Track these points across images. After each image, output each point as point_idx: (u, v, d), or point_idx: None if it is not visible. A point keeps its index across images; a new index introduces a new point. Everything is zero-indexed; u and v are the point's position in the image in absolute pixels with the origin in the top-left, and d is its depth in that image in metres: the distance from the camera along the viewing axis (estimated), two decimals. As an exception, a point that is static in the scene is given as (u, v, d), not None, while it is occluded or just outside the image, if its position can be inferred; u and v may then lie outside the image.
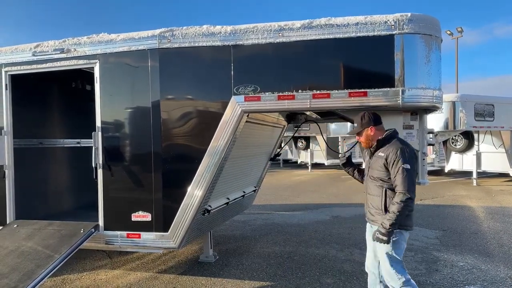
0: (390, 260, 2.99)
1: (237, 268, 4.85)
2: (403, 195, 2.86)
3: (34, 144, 5.23)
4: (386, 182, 3.02)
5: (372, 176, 3.13)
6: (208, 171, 3.79)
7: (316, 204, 9.63)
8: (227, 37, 3.73)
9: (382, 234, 2.89)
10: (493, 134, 13.02)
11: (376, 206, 3.07)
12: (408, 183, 2.87)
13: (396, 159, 2.92)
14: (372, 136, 3.15)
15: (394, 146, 3.00)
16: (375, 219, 3.10)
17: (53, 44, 4.23)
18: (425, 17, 3.54)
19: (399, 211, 2.85)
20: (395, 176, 2.92)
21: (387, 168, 2.99)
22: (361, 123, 3.18)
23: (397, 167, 2.91)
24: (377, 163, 3.08)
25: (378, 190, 3.06)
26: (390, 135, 3.13)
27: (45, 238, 4.07)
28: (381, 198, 3.03)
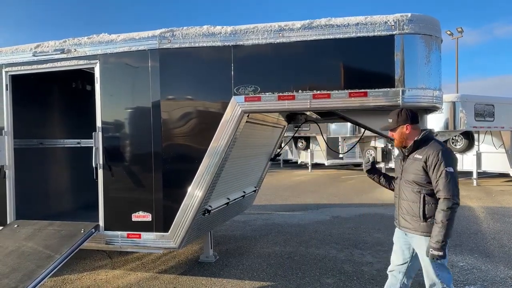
0: (436, 269, 2.81)
1: (237, 268, 4.86)
2: (449, 200, 2.65)
3: (34, 144, 5.23)
4: (424, 187, 2.80)
5: (407, 180, 2.89)
6: (208, 171, 3.80)
7: (316, 204, 9.63)
8: (228, 37, 3.73)
9: (437, 250, 2.65)
10: (493, 134, 13.02)
11: (413, 213, 2.85)
12: (452, 187, 2.67)
13: (438, 162, 2.70)
14: (407, 134, 2.92)
15: (434, 148, 2.78)
16: (410, 226, 2.88)
17: (54, 44, 4.23)
18: (425, 17, 3.55)
19: (448, 219, 2.63)
20: (437, 180, 2.70)
21: (426, 172, 2.77)
22: (397, 120, 2.94)
23: (439, 171, 2.69)
24: (413, 166, 2.85)
25: (415, 196, 2.84)
26: (427, 136, 2.91)
27: (45, 238, 4.07)
28: (418, 204, 2.80)
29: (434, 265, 2.81)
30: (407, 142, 2.94)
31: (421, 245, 2.86)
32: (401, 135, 2.94)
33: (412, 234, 2.90)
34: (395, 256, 3.12)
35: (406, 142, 2.94)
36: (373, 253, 5.39)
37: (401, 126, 2.93)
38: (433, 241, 2.68)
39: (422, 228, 2.82)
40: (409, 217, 2.89)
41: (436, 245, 2.66)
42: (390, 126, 2.99)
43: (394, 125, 2.97)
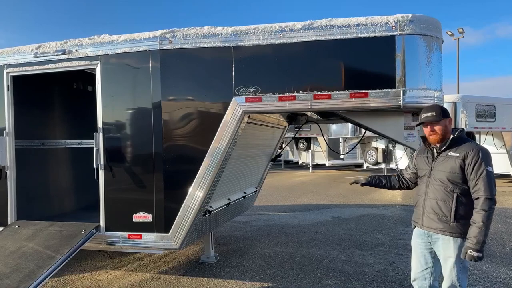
0: (459, 273, 2.72)
1: (238, 269, 4.85)
2: (490, 200, 2.57)
3: (35, 145, 5.24)
4: (458, 186, 2.68)
5: (439, 179, 2.76)
6: (209, 172, 3.80)
7: (317, 205, 9.62)
8: (228, 38, 3.73)
9: (476, 251, 2.54)
10: (495, 135, 13.00)
11: (442, 213, 2.73)
12: (493, 187, 2.60)
13: (479, 161, 2.61)
14: (449, 129, 2.80)
15: (473, 146, 2.69)
16: (436, 226, 2.76)
17: (55, 45, 4.24)
18: (426, 18, 3.55)
19: (488, 219, 2.55)
20: (478, 179, 2.60)
21: (462, 170, 2.67)
22: (440, 113, 2.78)
23: (480, 170, 2.60)
24: (447, 163, 2.73)
25: (446, 195, 2.72)
26: (463, 134, 2.81)
27: (46, 239, 4.07)
28: (451, 204, 2.69)
29: (459, 267, 2.72)
30: (446, 137, 2.80)
31: (448, 246, 2.74)
32: (444, 130, 2.79)
33: (438, 235, 2.77)
34: (416, 262, 2.96)
35: (446, 137, 2.80)
36: (374, 254, 5.38)
37: (444, 119, 2.79)
38: (473, 242, 2.56)
39: (451, 228, 2.71)
40: (435, 216, 2.77)
41: (476, 246, 2.55)
42: (435, 119, 2.78)
43: (439, 118, 2.78)
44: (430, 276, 2.90)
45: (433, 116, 2.79)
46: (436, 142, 2.84)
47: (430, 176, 2.84)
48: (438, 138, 2.81)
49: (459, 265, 2.71)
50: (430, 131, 2.82)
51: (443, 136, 2.79)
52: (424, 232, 2.88)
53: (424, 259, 2.91)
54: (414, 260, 2.98)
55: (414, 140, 3.87)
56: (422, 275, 2.92)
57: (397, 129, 3.84)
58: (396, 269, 4.79)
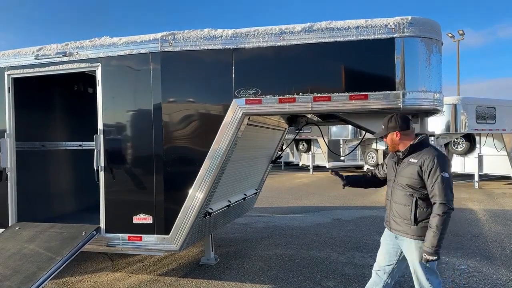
0: (426, 273, 2.85)
1: (238, 271, 4.85)
2: (444, 206, 2.67)
3: (36, 146, 5.25)
4: (417, 191, 2.83)
5: (401, 184, 2.91)
6: (209, 173, 3.80)
7: (318, 206, 9.62)
8: (228, 40, 3.75)
9: (431, 254, 2.68)
10: (495, 137, 13.00)
11: (404, 216, 2.88)
12: (448, 192, 2.69)
13: (434, 167, 2.73)
14: (398, 140, 2.97)
15: (430, 153, 2.81)
16: (400, 229, 2.92)
17: (56, 47, 4.26)
18: (425, 20, 3.56)
19: (442, 224, 2.66)
20: (433, 185, 2.72)
21: (420, 176, 2.80)
22: (387, 126, 3.02)
23: (435, 176, 2.71)
24: (408, 169, 2.88)
25: (407, 199, 2.87)
26: (423, 141, 2.94)
27: (47, 241, 4.08)
28: (410, 208, 2.84)
29: (424, 269, 2.84)
30: (398, 147, 3.00)
31: (411, 248, 2.89)
32: (392, 142, 3.02)
33: (402, 237, 2.93)
34: (382, 257, 3.16)
35: (398, 147, 3.00)
36: (374, 255, 5.35)
37: (391, 132, 3.00)
38: (428, 246, 2.70)
39: (413, 231, 2.85)
40: (400, 220, 2.92)
41: (430, 249, 2.69)
42: (381, 133, 3.09)
43: (384, 132, 3.05)
44: (390, 273, 3.10)
45: (381, 130, 3.09)
46: (392, 150, 3.06)
47: (395, 181, 3.00)
48: (390, 148, 3.06)
49: (424, 266, 2.83)
50: (385, 141, 3.10)
51: (393, 146, 3.02)
52: (392, 233, 3.04)
53: (389, 257, 3.10)
54: (381, 254, 3.18)
55: (414, 142, 3.87)
56: (383, 269, 3.12)
57: (397, 131, 3.84)
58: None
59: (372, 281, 3.19)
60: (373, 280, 3.18)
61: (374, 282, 3.16)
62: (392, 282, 3.13)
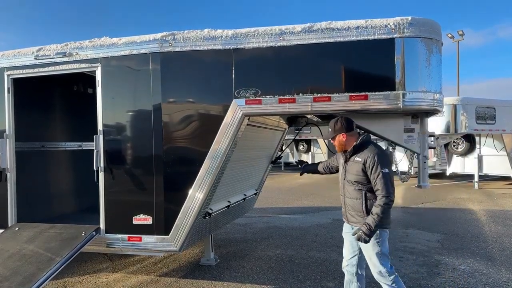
0: (380, 259, 3.13)
1: (238, 271, 4.85)
2: (386, 198, 3.00)
3: (36, 147, 5.24)
4: (365, 185, 3.14)
5: (349, 180, 3.23)
6: (209, 174, 3.80)
7: (318, 207, 9.62)
8: (228, 40, 3.74)
9: (366, 235, 3.00)
10: (495, 137, 13.00)
11: (357, 209, 3.19)
12: (389, 186, 3.02)
13: (375, 165, 3.04)
14: (344, 142, 3.25)
15: (371, 152, 3.11)
16: (356, 220, 3.21)
17: (55, 47, 4.25)
18: (425, 20, 3.56)
19: (383, 212, 2.99)
20: (376, 180, 3.04)
21: (365, 173, 3.11)
22: (334, 129, 3.27)
23: (376, 172, 3.04)
24: (354, 167, 3.19)
25: (357, 193, 3.18)
26: (365, 141, 3.23)
27: (46, 241, 4.07)
28: (361, 201, 3.15)
29: (378, 254, 3.12)
30: (346, 147, 3.26)
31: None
32: (339, 143, 3.28)
33: (357, 228, 3.17)
34: (346, 251, 3.40)
35: (345, 147, 3.27)
36: (374, 256, 5.37)
37: (338, 134, 3.26)
38: (366, 227, 3.00)
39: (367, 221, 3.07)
40: (354, 212, 3.22)
41: (367, 231, 2.99)
42: (329, 136, 3.32)
43: (332, 134, 3.30)
44: (357, 263, 3.33)
45: (328, 133, 3.33)
46: (339, 151, 3.35)
47: (345, 178, 3.30)
48: (337, 149, 3.34)
49: (378, 251, 3.13)
50: (332, 142, 3.35)
51: (340, 147, 3.30)
52: (350, 226, 3.33)
53: (352, 248, 3.34)
54: (345, 248, 3.42)
55: (414, 143, 3.87)
56: (351, 262, 3.36)
57: (397, 131, 3.84)
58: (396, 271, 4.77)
59: (346, 280, 3.42)
60: (347, 278, 3.41)
61: (349, 280, 3.40)
62: (363, 272, 3.37)
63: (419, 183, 3.99)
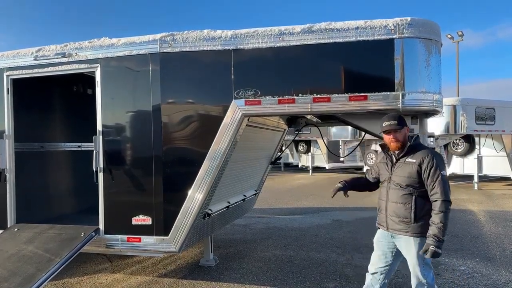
0: (423, 269, 2.94)
1: (237, 272, 4.84)
2: (447, 202, 2.80)
3: (35, 148, 5.24)
4: (416, 190, 2.89)
5: (398, 184, 2.96)
6: (208, 174, 3.80)
7: (317, 207, 9.62)
8: (228, 41, 3.74)
9: (437, 248, 2.75)
10: (494, 138, 13.01)
11: (403, 215, 2.92)
12: (448, 190, 2.83)
13: (434, 166, 2.83)
14: (406, 137, 3.01)
15: (428, 152, 2.91)
16: (399, 227, 2.96)
17: (55, 48, 4.25)
18: (425, 21, 3.56)
19: (447, 219, 2.78)
20: (434, 183, 2.82)
21: (419, 175, 2.87)
22: (400, 121, 2.99)
23: (436, 175, 2.82)
24: (405, 169, 2.93)
25: (405, 198, 2.92)
26: (419, 141, 3.04)
27: (45, 242, 4.07)
28: (410, 206, 2.89)
29: (421, 265, 2.94)
30: (405, 144, 3.01)
31: (410, 245, 2.95)
32: (405, 137, 3.01)
33: (400, 236, 2.98)
34: (377, 259, 3.19)
35: (405, 144, 3.01)
36: (373, 257, 5.38)
37: (405, 127, 3.01)
38: (434, 240, 2.76)
39: (413, 229, 2.91)
40: (398, 219, 2.97)
41: (438, 243, 2.75)
42: (397, 127, 2.97)
43: (400, 126, 2.98)
44: (386, 273, 3.15)
45: (395, 125, 2.99)
46: (396, 149, 3.03)
47: (390, 181, 3.04)
48: (399, 145, 3.01)
49: (422, 262, 2.93)
50: (392, 138, 3.01)
51: (404, 143, 3.00)
52: (388, 233, 3.09)
53: (385, 258, 3.14)
54: (376, 256, 3.21)
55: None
56: (380, 271, 3.16)
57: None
58: (396, 272, 4.77)
59: (368, 283, 3.22)
60: (369, 283, 3.21)
61: (370, 284, 3.20)
62: (387, 282, 3.21)
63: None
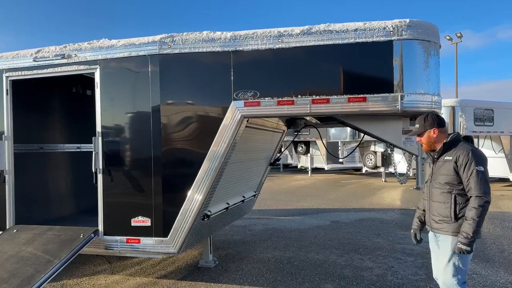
0: (455, 271, 2.85)
1: (236, 273, 4.84)
2: (481, 198, 2.70)
3: (34, 149, 5.24)
4: (455, 188, 2.83)
5: (438, 182, 2.92)
6: (208, 175, 3.80)
7: (316, 209, 9.62)
8: (227, 43, 3.75)
9: (464, 245, 2.70)
10: (493, 139, 13.03)
11: (443, 214, 2.88)
12: (484, 185, 2.72)
13: (469, 162, 2.76)
14: (435, 138, 2.98)
15: (464, 148, 2.85)
16: (440, 227, 2.92)
17: (54, 49, 4.26)
18: (423, 23, 3.57)
19: (479, 216, 2.68)
20: (469, 179, 2.75)
21: (456, 172, 2.82)
22: (423, 124, 3.00)
23: (470, 170, 2.74)
24: (444, 167, 2.90)
25: (445, 197, 2.87)
26: (456, 139, 2.96)
27: (44, 243, 4.07)
28: (450, 205, 2.84)
29: (453, 266, 2.86)
30: (435, 145, 2.99)
31: (446, 244, 2.90)
32: (429, 139, 3.00)
33: (440, 234, 2.94)
34: (434, 262, 3.13)
35: (434, 145, 2.99)
36: (373, 258, 5.38)
37: (428, 130, 2.99)
38: (463, 237, 2.71)
39: (453, 228, 2.84)
40: (439, 218, 2.93)
41: (465, 240, 2.71)
42: (418, 131, 3.04)
43: (421, 129, 3.01)
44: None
45: (417, 129, 3.05)
46: (426, 150, 3.06)
47: (432, 181, 3.00)
48: (425, 147, 3.04)
49: (454, 262, 2.86)
50: (419, 141, 3.08)
51: (428, 145, 3.01)
52: (434, 234, 3.04)
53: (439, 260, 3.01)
54: (434, 260, 3.13)
55: (412, 144, 3.89)
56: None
57: (396, 133, 3.86)
58: (395, 273, 4.78)
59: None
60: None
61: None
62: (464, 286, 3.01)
63: (418, 185, 4.02)
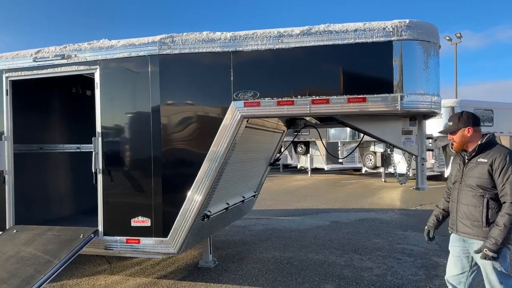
0: (500, 277, 2.71)
1: (236, 274, 4.84)
2: None
3: (34, 149, 5.24)
4: (488, 191, 2.71)
5: (470, 185, 2.79)
6: (207, 176, 3.80)
7: (316, 209, 9.62)
8: (227, 43, 3.75)
9: (492, 251, 2.59)
10: (493, 139, 13.03)
11: (474, 218, 2.76)
12: None
13: (506, 166, 2.64)
14: (469, 137, 2.84)
15: (501, 152, 2.72)
16: (470, 231, 2.80)
17: (54, 50, 4.26)
18: (423, 23, 3.58)
19: (511, 223, 2.57)
20: (504, 184, 2.63)
21: (491, 175, 2.70)
22: (457, 122, 2.87)
23: (506, 175, 2.63)
24: (477, 170, 2.77)
25: (477, 200, 2.75)
26: (491, 140, 2.83)
27: (44, 244, 4.07)
28: (481, 209, 2.72)
29: (497, 273, 2.72)
30: (468, 145, 2.87)
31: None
32: (462, 138, 2.87)
33: (472, 240, 2.81)
34: (452, 265, 3.02)
35: (467, 145, 2.87)
36: (372, 258, 5.38)
37: (462, 129, 2.86)
38: (491, 242, 2.61)
39: (484, 233, 2.72)
40: (469, 222, 2.81)
41: (492, 246, 2.60)
42: (451, 129, 2.91)
43: (455, 127, 2.88)
44: (466, 281, 2.93)
45: (450, 126, 2.91)
46: (456, 150, 2.93)
47: (461, 183, 2.87)
48: (457, 146, 2.90)
49: (497, 270, 2.71)
50: (450, 139, 2.93)
51: (461, 144, 2.87)
52: (459, 237, 2.93)
53: (461, 264, 2.96)
54: (451, 263, 3.03)
55: (412, 145, 3.89)
56: (457, 279, 2.96)
57: (395, 133, 3.86)
58: (394, 273, 4.79)
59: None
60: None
61: None
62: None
63: (417, 185, 4.00)
